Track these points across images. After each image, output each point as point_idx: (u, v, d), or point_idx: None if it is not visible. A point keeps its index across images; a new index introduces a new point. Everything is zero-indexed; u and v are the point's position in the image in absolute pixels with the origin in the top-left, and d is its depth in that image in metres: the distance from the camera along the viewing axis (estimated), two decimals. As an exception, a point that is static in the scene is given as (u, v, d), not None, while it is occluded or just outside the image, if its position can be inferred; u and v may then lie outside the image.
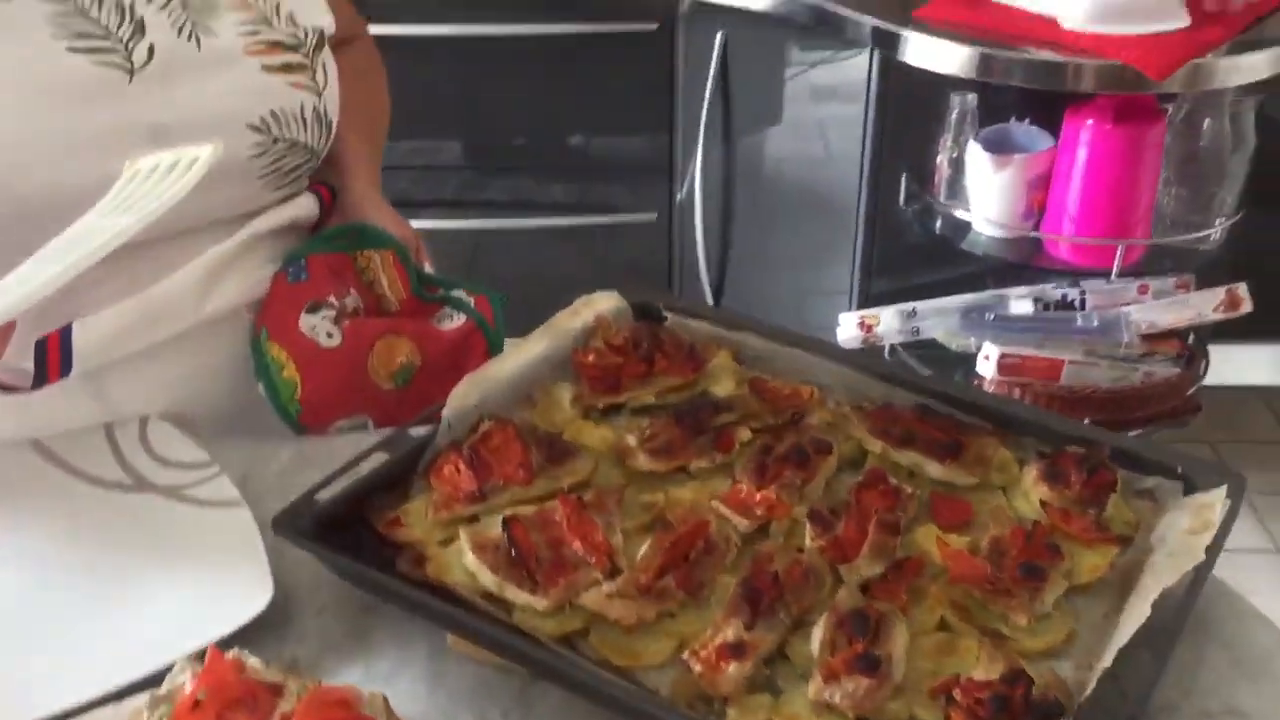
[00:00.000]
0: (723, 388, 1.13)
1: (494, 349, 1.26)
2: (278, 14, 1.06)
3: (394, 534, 0.95)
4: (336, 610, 0.95)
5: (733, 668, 0.81)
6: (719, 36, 2.83)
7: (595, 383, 1.10)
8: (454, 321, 1.24)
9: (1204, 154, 2.43)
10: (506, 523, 0.92)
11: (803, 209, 3.14)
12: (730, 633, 0.84)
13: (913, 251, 2.85)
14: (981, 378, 2.53)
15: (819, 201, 3.11)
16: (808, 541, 0.93)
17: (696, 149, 3.00)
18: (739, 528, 0.95)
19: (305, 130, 1.07)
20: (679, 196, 3.14)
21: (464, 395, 1.06)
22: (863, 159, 2.73)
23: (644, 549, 0.92)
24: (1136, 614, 0.82)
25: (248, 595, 0.92)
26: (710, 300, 3.18)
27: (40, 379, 1.02)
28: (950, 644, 0.85)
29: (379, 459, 1.01)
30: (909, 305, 2.68)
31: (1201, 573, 0.87)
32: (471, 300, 1.25)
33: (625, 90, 3.00)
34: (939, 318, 2.66)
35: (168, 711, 0.78)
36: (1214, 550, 0.89)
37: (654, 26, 2.87)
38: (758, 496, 0.97)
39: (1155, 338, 2.54)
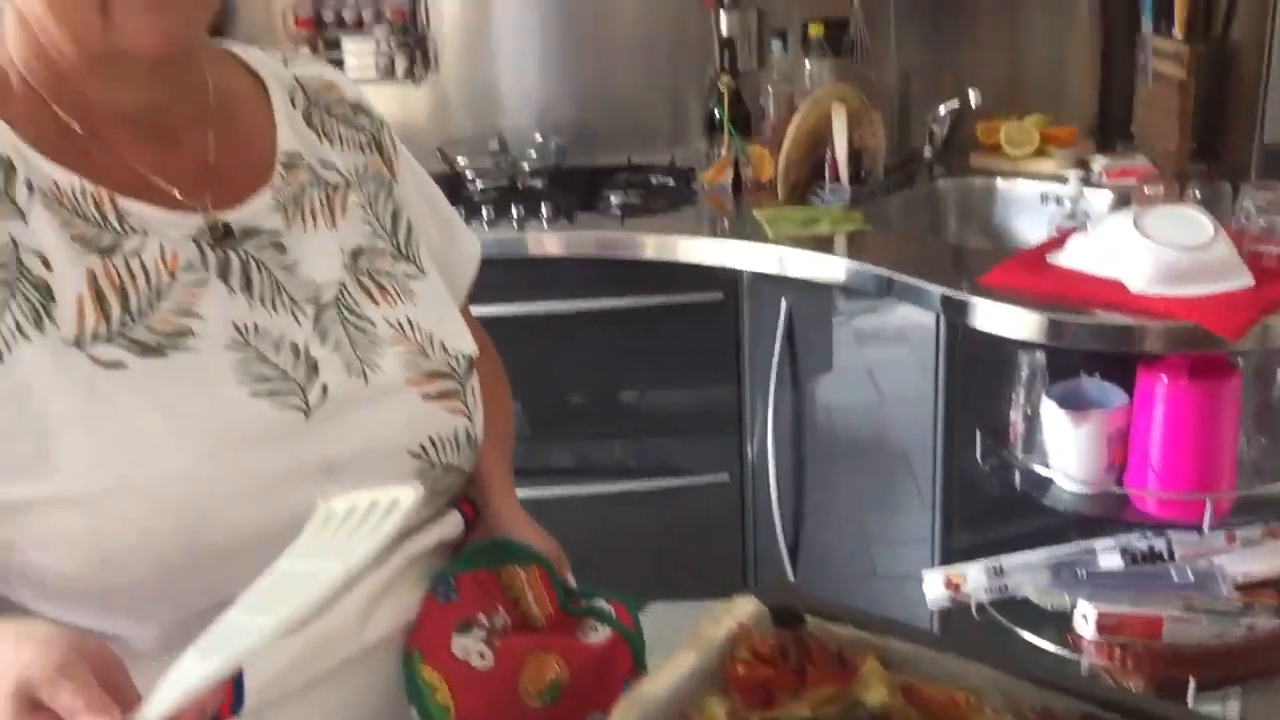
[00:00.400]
0: (875, 695, 1.12)
1: (637, 657, 1.25)
2: (431, 344, 1.12)
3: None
4: None
5: None
6: (783, 304, 2.91)
7: (748, 696, 1.09)
8: (599, 634, 1.24)
9: (1279, 403, 2.45)
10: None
11: (869, 457, 3.16)
12: None
13: (992, 504, 2.84)
14: (1080, 637, 2.48)
15: (886, 449, 3.14)
16: None
17: (768, 406, 3.05)
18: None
19: (459, 453, 1.11)
20: (751, 454, 3.17)
21: (625, 719, 1.05)
22: (935, 412, 2.77)
23: None
24: None
25: None
26: (787, 558, 3.16)
27: None
28: None
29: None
30: (995, 561, 2.66)
31: None
32: (612, 609, 1.26)
33: (697, 353, 3.08)
34: (1028, 574, 2.64)
35: None
36: None
37: (720, 296, 2.96)
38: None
39: (1251, 588, 2.50)
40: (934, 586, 2.66)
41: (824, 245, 2.53)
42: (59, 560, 0.87)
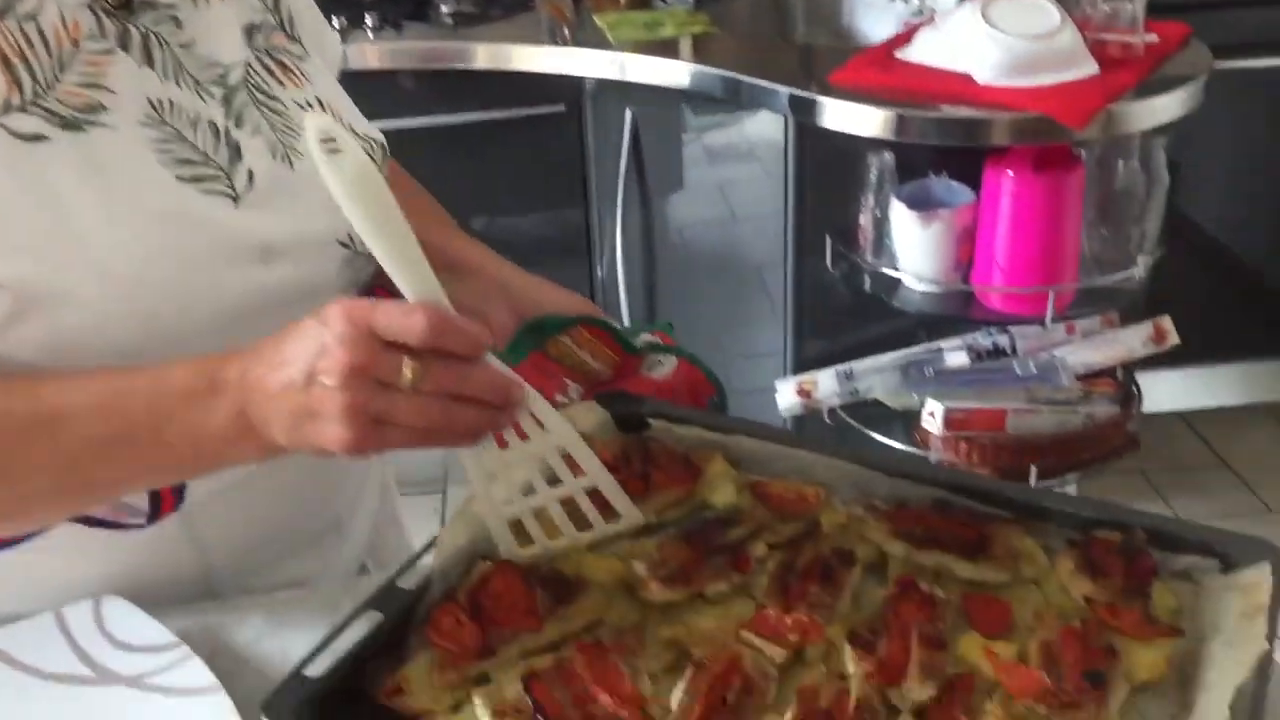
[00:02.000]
0: (723, 495, 1.07)
1: (711, 376, 1.21)
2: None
3: (397, 704, 0.87)
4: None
5: (800, 827, 0.74)
6: (628, 115, 2.79)
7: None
8: (665, 366, 1.19)
9: (1120, 195, 2.46)
10: (526, 683, 0.84)
11: (722, 274, 3.12)
12: (793, 785, 0.77)
13: (842, 311, 2.83)
14: (927, 434, 2.51)
15: (737, 265, 3.10)
16: (849, 667, 0.87)
17: (616, 225, 2.96)
18: (774, 659, 0.88)
19: None
20: (600, 274, 3.09)
21: (453, 537, 0.98)
22: (785, 223, 2.72)
23: (677, 695, 0.85)
24: (1215, 718, 0.78)
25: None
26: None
27: (155, 512, 1.01)
28: (1023, 771, 0.80)
29: (371, 619, 0.92)
30: (846, 366, 2.66)
31: (1264, 663, 0.83)
32: (658, 337, 1.20)
33: (538, 171, 2.95)
34: (878, 376, 2.65)
35: None
36: (1272, 635, 0.85)
37: (561, 108, 2.83)
38: (788, 621, 0.90)
39: (1090, 378, 2.55)
40: (786, 395, 2.65)
41: (669, 50, 2.42)
42: (19, 348, 0.87)
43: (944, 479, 1.03)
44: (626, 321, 3.03)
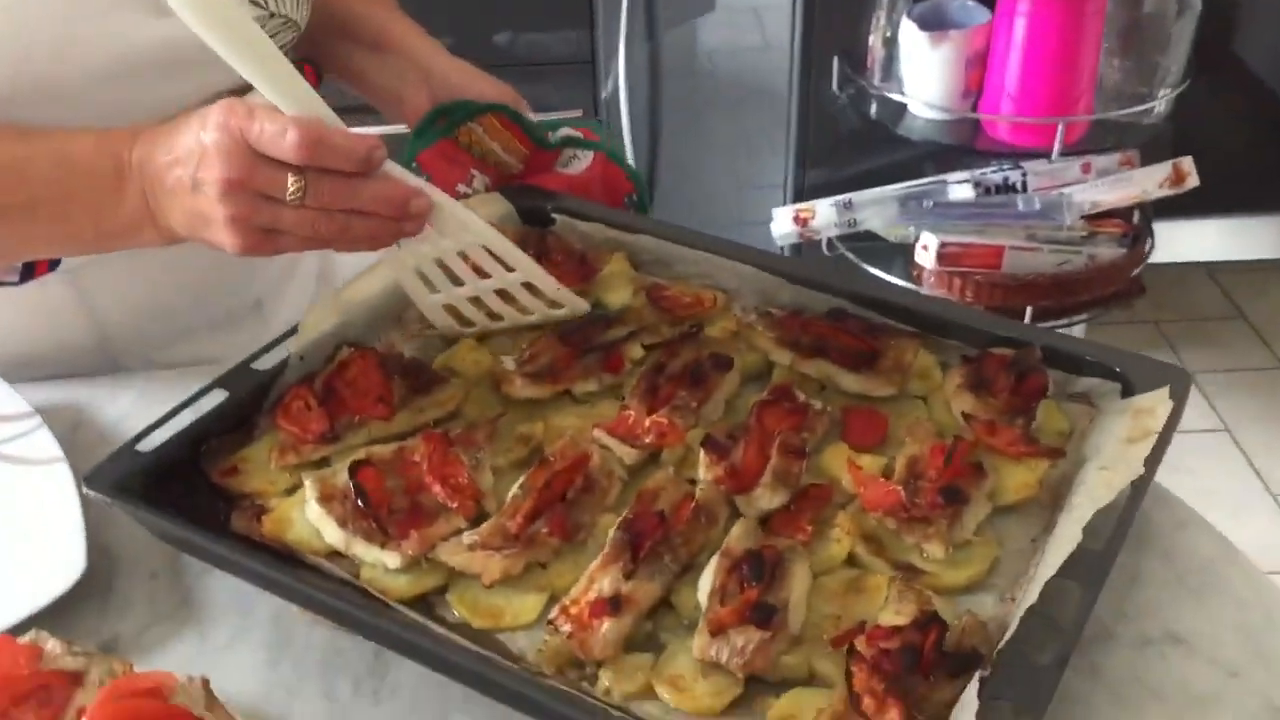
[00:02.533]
0: (618, 297, 1.01)
1: (631, 174, 1.16)
2: None
3: (230, 484, 0.83)
4: (170, 575, 0.83)
5: (607, 626, 0.70)
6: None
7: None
8: (582, 160, 1.14)
9: (1147, 21, 2.30)
10: (354, 468, 0.80)
11: (736, 100, 2.99)
12: (606, 585, 0.73)
13: (848, 140, 2.72)
14: (921, 268, 2.43)
15: (752, 92, 2.97)
16: (701, 472, 0.82)
17: (619, 43, 2.83)
18: (624, 460, 0.84)
19: (294, 3, 1.01)
20: (604, 93, 2.97)
21: (318, 322, 0.94)
22: (792, 44, 2.59)
23: (514, 489, 0.81)
24: (1066, 539, 0.73)
25: (62, 565, 0.80)
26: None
27: (29, 271, 0.97)
28: (858, 582, 0.75)
29: (217, 397, 0.88)
30: (845, 196, 2.56)
31: (1140, 488, 0.77)
32: (582, 134, 1.15)
33: None
34: (877, 208, 2.55)
35: (-53, 711, 0.67)
36: (1154, 461, 0.79)
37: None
38: (646, 422, 0.86)
39: (1099, 218, 2.44)
40: (783, 223, 2.56)
41: None
42: None
43: (844, 288, 0.97)
44: (628, 144, 2.94)
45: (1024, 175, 2.47)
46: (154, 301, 1.10)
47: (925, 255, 2.40)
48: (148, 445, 0.84)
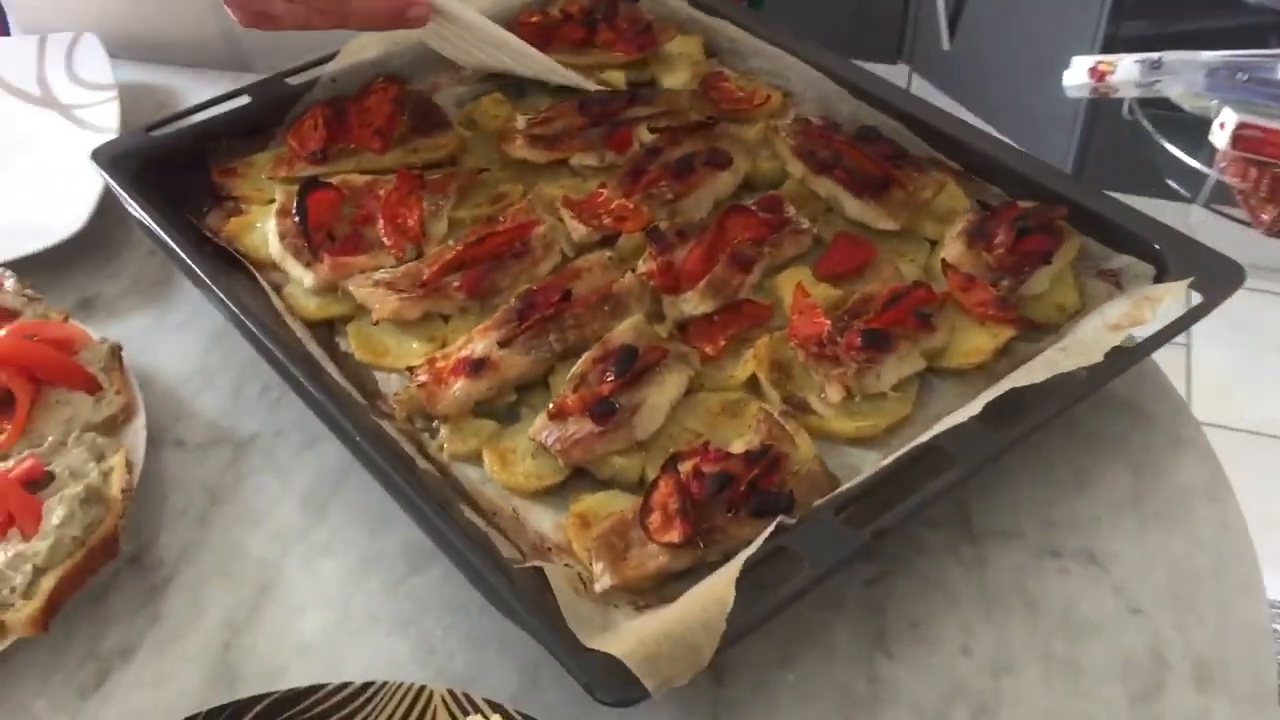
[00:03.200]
0: (675, 78, 0.96)
1: None
2: None
3: (225, 183, 0.87)
4: (163, 258, 0.88)
5: (459, 386, 0.69)
6: None
7: (528, 35, 0.95)
8: None
9: None
10: (306, 186, 0.81)
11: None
12: (479, 347, 0.71)
13: (1178, -9, 2.39)
14: (1214, 149, 2.14)
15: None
16: (639, 264, 0.78)
17: None
18: (572, 235, 0.80)
19: None
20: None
21: (361, 48, 0.94)
22: None
23: (449, 240, 0.80)
24: (964, 411, 0.64)
25: (69, 219, 0.87)
26: (945, 27, 2.83)
27: None
28: (738, 406, 0.70)
29: (242, 101, 0.91)
30: (1155, 55, 2.27)
31: (1097, 377, 0.67)
32: None
33: None
34: (1186, 72, 2.25)
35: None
36: (1133, 353, 0.68)
37: None
38: (613, 204, 0.82)
39: None
40: (1078, 73, 2.30)
41: None
42: None
43: (905, 109, 0.87)
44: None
45: (1374, 63, 2.10)
46: None
47: (1219, 135, 2.11)
48: (161, 132, 0.88)
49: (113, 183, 0.84)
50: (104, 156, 0.85)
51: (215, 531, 0.70)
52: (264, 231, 0.82)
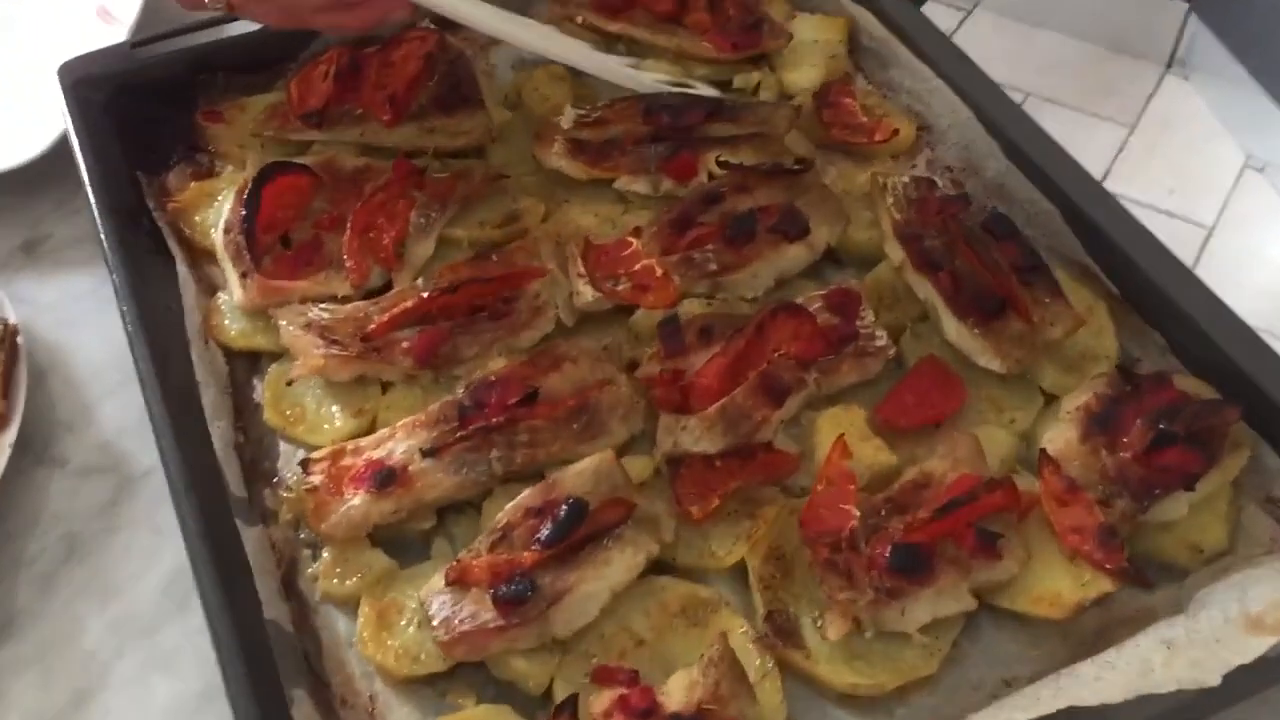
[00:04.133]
0: (800, 75, 0.75)
1: None
2: None
3: (207, 129, 0.71)
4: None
5: (356, 501, 0.54)
6: None
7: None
8: None
9: None
10: (267, 171, 0.65)
11: None
12: (399, 448, 0.55)
13: None
14: None
15: None
16: (644, 362, 0.59)
17: None
18: (576, 300, 0.62)
19: None
20: None
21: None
22: None
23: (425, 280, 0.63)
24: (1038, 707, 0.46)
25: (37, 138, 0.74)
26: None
27: None
28: (704, 614, 0.52)
29: (252, 26, 0.75)
30: None
31: (1208, 702, 0.47)
32: None
33: None
34: None
35: None
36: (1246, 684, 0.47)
37: None
38: (640, 263, 0.63)
39: None
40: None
41: None
42: None
43: (1065, 188, 0.65)
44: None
45: None
46: None
47: None
48: (148, 51, 0.73)
49: (67, 111, 0.69)
50: (71, 75, 0.71)
51: (58, 599, 0.57)
52: (220, 211, 0.66)
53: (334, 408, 0.59)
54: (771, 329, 0.59)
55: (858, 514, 0.52)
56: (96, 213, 0.64)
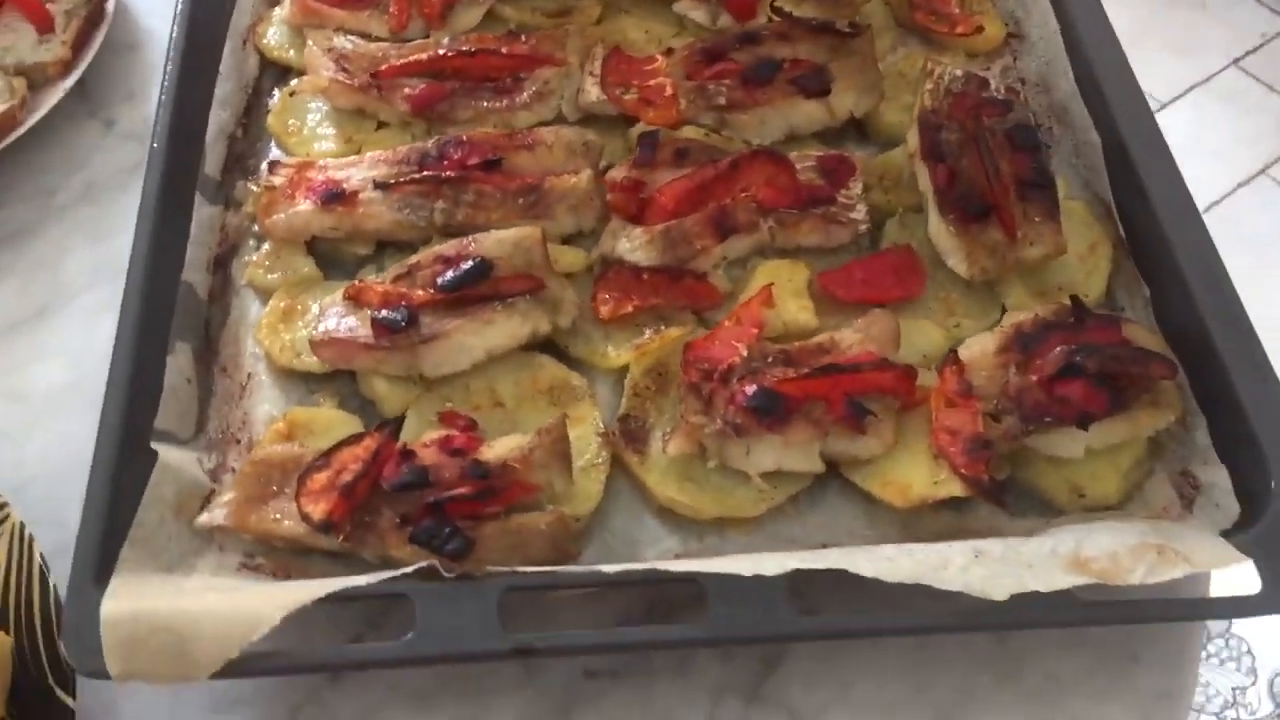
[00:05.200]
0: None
1: None
2: None
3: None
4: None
5: (300, 208, 0.57)
6: None
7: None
8: None
9: None
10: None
11: None
12: (356, 174, 0.58)
13: None
14: None
15: None
16: (615, 169, 0.60)
17: None
18: (581, 97, 0.63)
19: None
20: None
21: None
22: None
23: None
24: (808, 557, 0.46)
25: None
26: None
27: None
28: (567, 398, 0.54)
29: None
30: None
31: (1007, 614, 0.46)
32: None
33: None
34: None
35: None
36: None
37: None
38: (654, 80, 0.63)
39: None
40: None
41: None
42: None
43: (1117, 120, 0.61)
44: None
45: None
46: None
47: None
48: None
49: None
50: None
51: (59, 228, 0.65)
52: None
53: (329, 129, 0.63)
54: (747, 169, 0.59)
55: (744, 354, 0.53)
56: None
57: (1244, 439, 0.51)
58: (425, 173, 0.58)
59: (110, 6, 0.71)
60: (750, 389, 0.51)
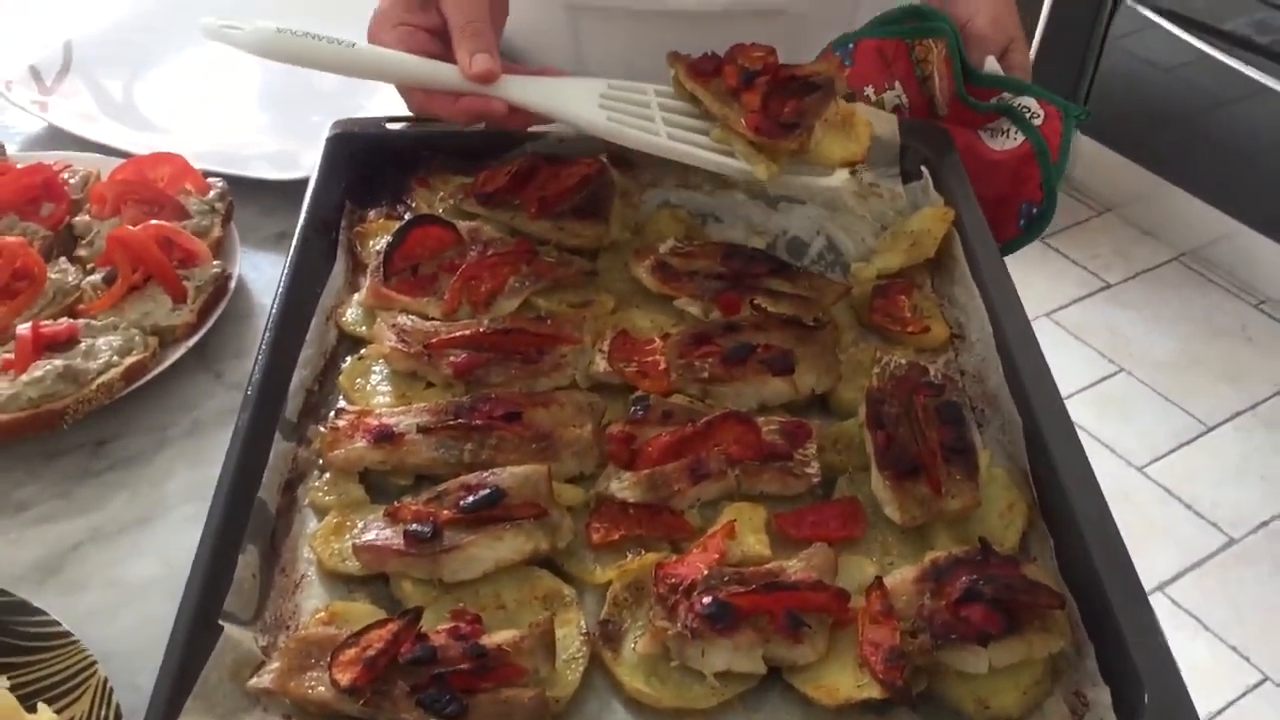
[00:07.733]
0: (889, 258, 0.87)
1: (1047, 184, 0.96)
2: None
3: (416, 190, 0.93)
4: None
5: (356, 445, 0.71)
6: None
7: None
8: (1010, 140, 0.97)
9: None
10: (417, 220, 0.86)
11: None
12: (403, 421, 0.72)
13: None
14: None
15: None
16: (615, 425, 0.74)
17: None
18: (591, 369, 0.78)
19: None
20: None
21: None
22: None
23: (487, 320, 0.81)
24: None
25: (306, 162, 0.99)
26: None
27: None
28: (557, 606, 0.65)
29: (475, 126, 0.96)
30: None
31: None
32: (1041, 116, 0.97)
33: None
34: None
35: None
36: None
37: None
38: (652, 358, 0.78)
39: None
40: None
41: None
42: None
43: (1029, 419, 0.74)
44: None
45: None
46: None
47: None
48: (394, 128, 0.97)
49: (324, 150, 0.93)
50: (336, 128, 0.95)
51: (165, 455, 0.80)
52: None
53: (386, 387, 0.77)
54: (720, 428, 0.72)
55: (705, 573, 0.64)
56: (302, 218, 0.87)
57: (1123, 662, 0.60)
58: (459, 420, 0.72)
59: (232, 284, 0.89)
60: (707, 599, 0.62)
